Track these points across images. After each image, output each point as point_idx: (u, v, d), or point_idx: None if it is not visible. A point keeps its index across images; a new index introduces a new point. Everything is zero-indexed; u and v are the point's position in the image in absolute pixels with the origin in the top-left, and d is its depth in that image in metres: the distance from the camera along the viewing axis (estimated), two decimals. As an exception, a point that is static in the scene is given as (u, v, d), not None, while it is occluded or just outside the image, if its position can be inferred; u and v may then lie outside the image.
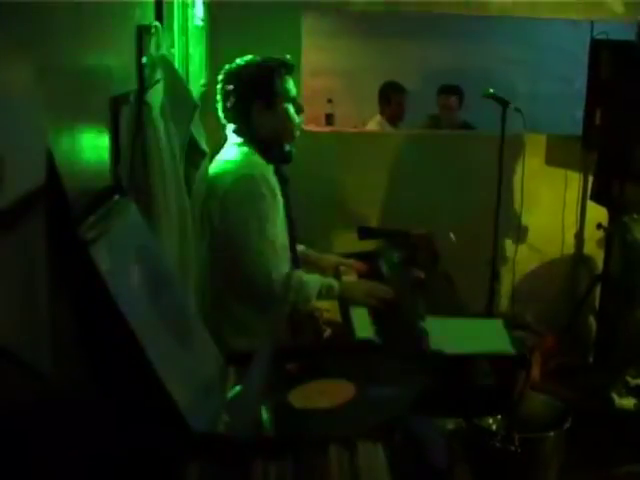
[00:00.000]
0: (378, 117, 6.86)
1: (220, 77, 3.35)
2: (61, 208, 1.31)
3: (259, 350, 1.78)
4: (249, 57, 3.34)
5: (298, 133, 3.40)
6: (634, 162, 4.62)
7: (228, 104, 3.32)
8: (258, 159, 3.29)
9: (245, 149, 3.31)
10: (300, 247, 3.67)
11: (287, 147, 3.38)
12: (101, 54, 1.80)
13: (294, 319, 3.37)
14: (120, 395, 1.38)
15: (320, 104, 6.76)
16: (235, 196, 3.16)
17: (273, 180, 3.28)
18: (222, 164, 3.28)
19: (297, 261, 3.44)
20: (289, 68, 3.33)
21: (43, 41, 1.34)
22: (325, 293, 3.25)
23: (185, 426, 1.39)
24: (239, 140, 3.33)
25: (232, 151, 3.33)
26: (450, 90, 6.84)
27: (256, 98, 3.27)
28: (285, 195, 3.38)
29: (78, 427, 1.34)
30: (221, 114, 3.36)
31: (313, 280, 3.26)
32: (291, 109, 3.33)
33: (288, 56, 3.36)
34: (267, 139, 3.31)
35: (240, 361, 1.84)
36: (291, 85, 3.34)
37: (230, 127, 3.37)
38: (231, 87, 3.30)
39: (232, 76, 3.31)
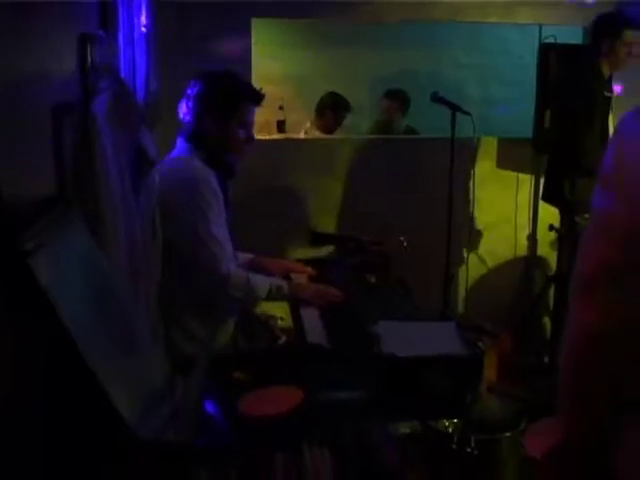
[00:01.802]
0: (308, 125, 6.75)
1: (195, 77, 3.37)
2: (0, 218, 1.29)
3: (200, 358, 1.77)
4: (233, 73, 3.41)
5: (242, 155, 3.45)
6: (584, 162, 4.67)
7: (190, 102, 3.34)
8: (199, 163, 3.30)
9: (188, 154, 3.34)
10: (248, 255, 3.71)
11: (230, 161, 3.42)
12: (42, 62, 1.78)
13: (249, 327, 3.38)
14: (63, 406, 1.36)
15: (271, 111, 6.74)
16: (178, 199, 3.19)
17: (215, 184, 3.29)
18: (166, 170, 3.25)
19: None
20: (258, 100, 3.40)
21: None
22: (275, 292, 3.29)
23: (130, 435, 1.38)
24: (185, 144, 3.36)
25: (175, 155, 3.37)
26: (393, 94, 6.83)
27: (215, 106, 3.31)
28: (226, 203, 3.40)
29: (18, 439, 1.32)
30: (180, 114, 3.38)
31: (262, 280, 3.31)
32: (240, 133, 3.36)
33: (262, 90, 3.41)
34: (212, 147, 3.34)
35: (187, 369, 1.83)
36: (251, 115, 3.40)
37: (182, 132, 3.39)
38: (200, 88, 3.33)
39: (208, 78, 3.35)
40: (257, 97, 3.39)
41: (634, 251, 1.52)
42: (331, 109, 6.77)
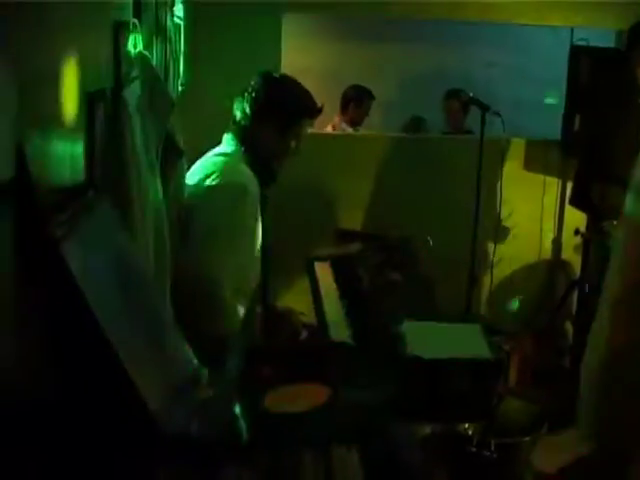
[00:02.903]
0: (336, 120, 6.80)
1: (261, 80, 3.36)
2: (31, 204, 1.28)
3: (231, 352, 1.76)
4: (296, 81, 3.42)
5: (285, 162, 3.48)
6: (615, 167, 4.62)
7: (249, 106, 3.32)
8: (245, 168, 3.27)
9: (236, 154, 3.31)
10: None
11: (273, 170, 3.44)
12: (77, 50, 1.77)
13: (270, 322, 3.38)
14: (90, 395, 1.35)
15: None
16: (218, 200, 3.15)
17: (255, 188, 3.25)
18: (207, 168, 3.26)
19: (267, 272, 3.44)
20: (316, 115, 3.45)
21: (17, 36, 1.31)
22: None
23: (156, 427, 1.37)
24: (233, 143, 3.34)
25: (220, 157, 3.32)
26: (456, 95, 6.81)
27: (277, 118, 3.31)
28: (263, 209, 3.38)
29: (45, 428, 1.31)
30: (237, 112, 3.35)
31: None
32: (293, 145, 3.39)
33: (320, 104, 3.42)
34: (262, 156, 3.34)
35: (214, 364, 1.82)
36: (306, 128, 3.44)
37: (232, 130, 3.37)
38: (265, 94, 3.32)
39: (274, 86, 3.36)
40: (317, 112, 3.43)
41: None
42: (355, 102, 6.80)
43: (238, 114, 3.35)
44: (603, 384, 1.64)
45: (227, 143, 3.37)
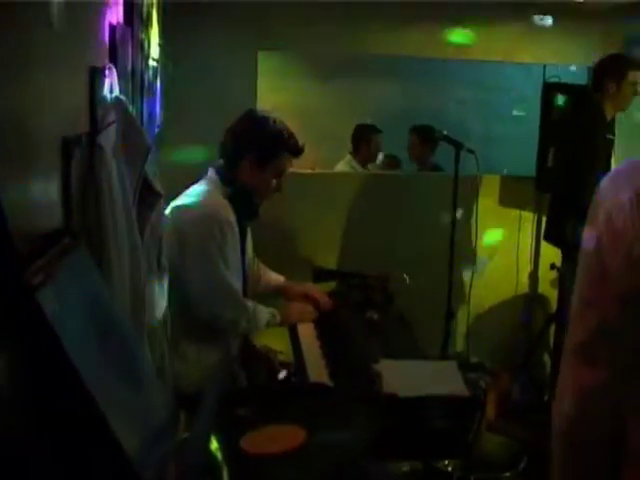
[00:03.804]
0: (348, 157, 6.87)
1: (242, 116, 3.50)
2: (7, 250, 1.29)
3: (206, 394, 1.76)
4: (276, 119, 3.48)
5: (267, 199, 3.56)
6: (586, 203, 4.66)
7: (232, 139, 3.45)
8: (222, 201, 3.39)
9: (214, 187, 3.43)
10: (279, 278, 3.93)
11: (254, 205, 3.52)
12: (52, 95, 1.79)
13: (248, 361, 3.41)
14: (66, 440, 1.35)
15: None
16: (196, 232, 3.29)
17: (233, 219, 3.38)
18: (187, 198, 3.42)
19: None
20: (298, 154, 3.50)
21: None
22: (271, 321, 3.45)
23: (132, 471, 1.37)
24: (215, 177, 3.45)
25: (201, 188, 3.46)
26: (415, 130, 6.87)
27: (255, 152, 3.40)
28: (243, 243, 3.54)
29: (21, 475, 1.31)
30: (220, 146, 3.48)
31: (261, 309, 3.44)
32: (273, 182, 3.46)
33: (301, 143, 3.50)
34: (242, 190, 3.43)
35: (191, 406, 1.82)
36: (287, 166, 3.49)
37: (215, 164, 3.49)
38: (243, 129, 3.44)
39: (256, 121, 3.47)
40: (297, 150, 3.48)
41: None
42: (364, 141, 6.86)
43: (221, 149, 3.45)
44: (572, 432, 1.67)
45: (209, 176, 3.48)
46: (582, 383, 1.60)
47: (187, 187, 3.52)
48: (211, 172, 3.48)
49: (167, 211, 3.33)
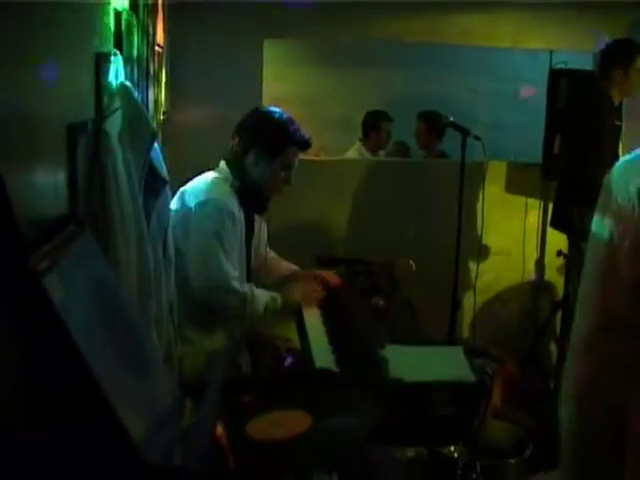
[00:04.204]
0: (357, 145, 6.86)
1: (249, 112, 3.54)
2: (13, 237, 1.29)
3: (212, 380, 1.76)
4: (285, 114, 3.51)
5: (278, 192, 3.59)
6: (593, 189, 4.64)
7: (237, 135, 3.49)
8: (227, 189, 3.45)
9: (223, 177, 3.48)
10: (292, 267, 3.96)
11: (263, 199, 3.56)
12: (58, 81, 1.79)
13: (255, 348, 3.42)
14: (72, 425, 1.36)
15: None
16: (198, 217, 3.34)
17: (236, 210, 3.42)
18: (195, 185, 3.48)
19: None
20: (305, 147, 3.52)
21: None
22: (271, 304, 3.44)
23: (139, 458, 1.37)
24: (225, 168, 3.51)
25: (210, 176, 3.51)
26: (422, 117, 6.84)
27: (260, 146, 3.43)
28: (250, 234, 3.59)
29: (27, 460, 1.31)
30: (230, 141, 3.52)
31: (261, 293, 3.44)
32: (281, 175, 3.49)
33: (308, 136, 3.50)
34: (250, 184, 3.48)
35: (195, 391, 1.82)
36: (295, 159, 3.51)
37: (227, 157, 3.54)
38: (252, 123, 3.48)
39: (260, 116, 3.51)
40: (304, 144, 3.50)
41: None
42: (374, 129, 6.84)
43: (231, 143, 3.50)
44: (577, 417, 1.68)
45: (220, 168, 3.52)
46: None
47: (193, 175, 3.55)
48: (222, 163, 3.53)
49: (175, 197, 3.38)
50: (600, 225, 1.60)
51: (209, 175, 3.52)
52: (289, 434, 1.77)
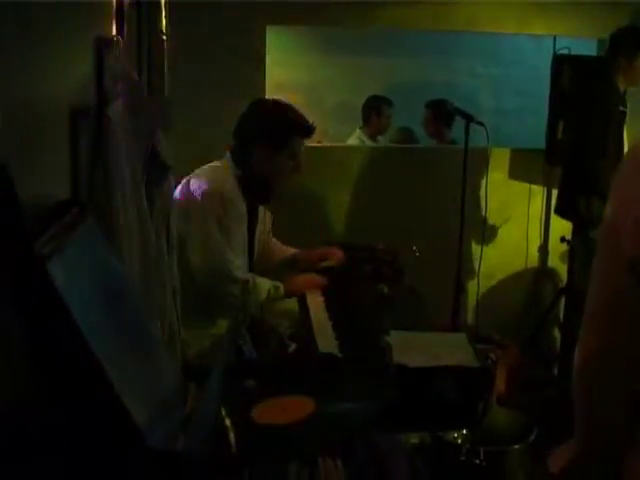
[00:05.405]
0: (357, 132, 6.84)
1: (251, 104, 3.55)
2: (15, 222, 1.28)
3: (215, 364, 1.76)
4: (287, 102, 3.53)
5: (288, 182, 3.58)
6: (599, 177, 4.62)
7: (241, 127, 3.50)
8: (231, 179, 3.45)
9: (224, 167, 3.50)
10: (291, 250, 3.97)
11: (267, 190, 3.54)
12: (60, 66, 1.78)
13: (258, 334, 3.43)
14: (76, 410, 1.36)
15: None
16: (202, 206, 3.34)
17: (240, 200, 3.45)
18: (199, 172, 3.50)
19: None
20: (309, 134, 3.50)
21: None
22: (274, 293, 3.44)
23: (142, 442, 1.37)
24: (230, 157, 3.51)
25: (214, 165, 3.55)
26: (430, 105, 6.81)
27: (265, 139, 3.43)
28: (253, 225, 3.61)
29: (30, 444, 1.31)
30: (234, 131, 3.52)
31: (263, 282, 3.44)
32: (289, 164, 3.49)
33: (313, 122, 3.49)
34: (256, 176, 3.48)
35: (199, 376, 1.82)
36: (301, 147, 3.50)
37: (231, 148, 3.55)
38: (255, 115, 3.49)
39: (263, 108, 3.54)
40: (307, 131, 3.48)
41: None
42: (375, 113, 6.82)
43: (234, 134, 3.51)
44: (578, 390, 1.68)
45: (225, 158, 3.53)
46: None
47: (196, 163, 3.57)
48: (227, 155, 3.54)
49: (179, 186, 3.39)
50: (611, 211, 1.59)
51: (214, 164, 3.53)
52: (293, 419, 1.77)
